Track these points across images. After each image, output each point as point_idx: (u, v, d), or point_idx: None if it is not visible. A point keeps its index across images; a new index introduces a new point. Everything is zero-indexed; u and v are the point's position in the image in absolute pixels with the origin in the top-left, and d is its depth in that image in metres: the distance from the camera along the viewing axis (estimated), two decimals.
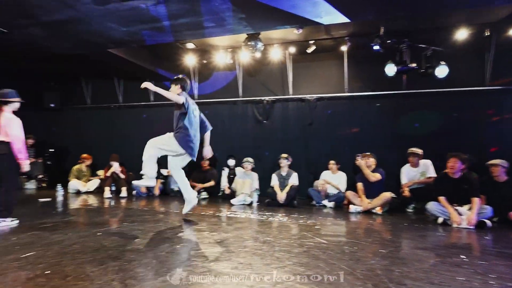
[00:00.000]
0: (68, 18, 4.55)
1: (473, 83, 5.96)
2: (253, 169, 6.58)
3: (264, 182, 6.62)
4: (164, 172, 7.19)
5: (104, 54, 6.14)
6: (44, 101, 8.68)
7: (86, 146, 8.26)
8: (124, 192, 6.71)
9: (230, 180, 6.73)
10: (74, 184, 7.24)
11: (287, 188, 5.83)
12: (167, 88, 4.00)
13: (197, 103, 7.79)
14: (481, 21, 5.41)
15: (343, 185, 5.98)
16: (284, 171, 6.13)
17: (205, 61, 7.25)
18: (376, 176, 5.29)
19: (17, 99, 3.95)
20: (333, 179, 6.04)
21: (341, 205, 5.83)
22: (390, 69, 5.51)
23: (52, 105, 8.73)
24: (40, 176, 8.10)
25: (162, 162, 4.38)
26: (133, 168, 7.47)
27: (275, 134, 7.36)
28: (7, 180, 3.77)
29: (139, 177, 4.08)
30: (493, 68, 5.85)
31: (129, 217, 4.44)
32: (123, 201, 6.11)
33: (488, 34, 5.44)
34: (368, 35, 5.60)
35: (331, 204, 5.80)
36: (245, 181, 6.16)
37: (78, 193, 7.14)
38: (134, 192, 6.98)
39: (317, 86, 7.12)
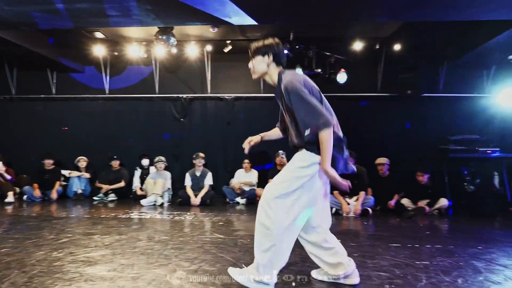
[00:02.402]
0: None
1: (368, 90, 6.71)
2: (167, 168, 6.38)
3: (181, 182, 6.48)
4: (65, 173, 6.55)
5: None
6: None
7: None
8: (10, 197, 5.81)
9: (144, 181, 6.40)
10: None
11: (202, 192, 5.75)
12: None
13: (109, 98, 7.55)
14: (374, 35, 6.06)
15: (255, 182, 6.14)
16: (198, 171, 6.04)
17: (116, 53, 6.79)
18: None
19: None
20: (246, 178, 6.15)
21: (254, 202, 5.95)
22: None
23: None
24: None
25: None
26: (24, 169, 6.70)
27: (194, 133, 7.24)
28: None
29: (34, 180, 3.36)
30: (383, 78, 6.67)
31: (11, 225, 3.90)
32: (8, 208, 5.29)
33: (378, 47, 6.12)
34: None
35: (243, 201, 5.90)
36: (157, 181, 5.91)
37: None
38: (25, 197, 6.08)
39: (235, 86, 7.19)
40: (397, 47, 6.15)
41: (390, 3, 4.06)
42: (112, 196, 6.32)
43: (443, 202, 4.93)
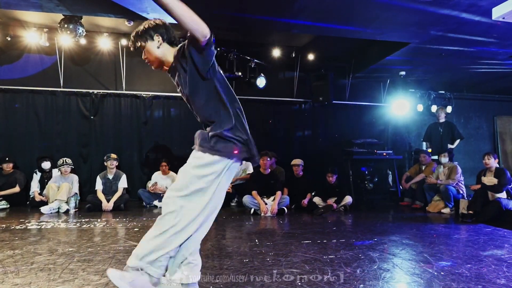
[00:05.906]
0: None
1: (285, 95, 7.11)
2: (74, 171, 5.78)
3: (91, 186, 5.96)
4: None
5: None
6: None
7: None
8: None
9: (44, 186, 5.67)
10: None
11: (116, 196, 5.36)
12: None
13: None
14: (291, 44, 6.47)
15: None
16: (111, 173, 5.60)
17: (9, 38, 5.86)
18: None
19: None
20: (164, 180, 5.93)
21: None
22: None
23: None
24: None
25: None
26: None
27: (106, 132, 6.67)
28: None
29: None
30: (298, 84, 7.13)
31: None
32: None
33: (294, 56, 6.56)
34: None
35: (161, 204, 5.66)
36: (61, 186, 5.30)
37: None
38: None
39: (153, 84, 6.86)
40: (310, 56, 6.67)
41: (301, 17, 4.39)
42: (3, 204, 5.44)
43: (348, 199, 5.51)
